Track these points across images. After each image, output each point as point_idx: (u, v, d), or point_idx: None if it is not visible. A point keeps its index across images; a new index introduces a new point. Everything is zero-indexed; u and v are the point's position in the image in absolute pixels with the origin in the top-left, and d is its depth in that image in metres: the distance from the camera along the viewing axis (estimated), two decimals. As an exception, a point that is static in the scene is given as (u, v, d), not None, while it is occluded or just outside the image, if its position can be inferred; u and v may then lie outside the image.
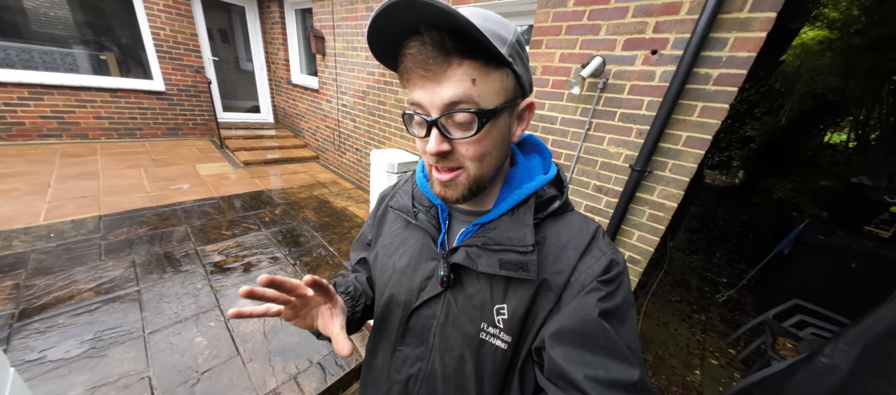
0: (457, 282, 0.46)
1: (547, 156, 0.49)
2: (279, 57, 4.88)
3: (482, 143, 0.38)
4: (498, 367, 0.44)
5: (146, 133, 4.36)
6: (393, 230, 0.56)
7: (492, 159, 0.41)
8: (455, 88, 0.34)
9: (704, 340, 2.63)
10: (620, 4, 1.52)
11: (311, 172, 4.17)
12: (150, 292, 1.74)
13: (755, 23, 1.26)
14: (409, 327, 0.50)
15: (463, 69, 0.34)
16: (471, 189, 0.41)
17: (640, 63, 1.53)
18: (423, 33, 0.33)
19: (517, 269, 0.40)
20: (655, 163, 1.58)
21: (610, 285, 0.39)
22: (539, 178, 0.45)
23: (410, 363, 0.50)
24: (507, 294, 0.43)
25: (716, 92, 1.37)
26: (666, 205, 1.62)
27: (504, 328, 0.43)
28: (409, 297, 0.49)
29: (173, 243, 2.19)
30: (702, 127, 1.43)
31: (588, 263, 0.41)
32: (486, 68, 0.35)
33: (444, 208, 0.50)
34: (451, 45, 0.33)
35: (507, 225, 0.42)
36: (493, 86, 0.36)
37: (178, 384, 1.29)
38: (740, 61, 1.30)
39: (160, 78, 4.26)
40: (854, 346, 1.28)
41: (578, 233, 0.43)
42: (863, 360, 1.24)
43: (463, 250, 0.44)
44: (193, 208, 2.74)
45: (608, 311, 0.38)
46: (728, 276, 3.69)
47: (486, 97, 0.36)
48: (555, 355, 0.37)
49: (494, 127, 0.38)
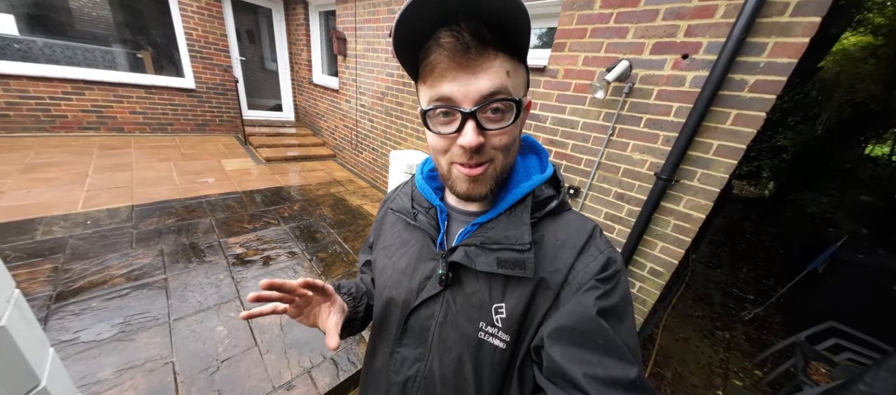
0: (455, 281, 0.46)
1: (544, 156, 0.49)
2: (302, 57, 5.02)
3: (512, 133, 0.39)
4: (497, 367, 0.44)
5: (176, 128, 4.57)
6: (393, 232, 0.56)
7: (515, 151, 0.42)
8: (493, 79, 0.35)
9: (728, 359, 2.50)
10: (650, 7, 1.48)
11: (328, 170, 4.26)
12: (176, 280, 1.81)
13: (797, 28, 1.19)
14: (408, 328, 0.50)
15: (499, 61, 0.35)
16: (497, 181, 0.42)
17: (669, 68, 1.48)
18: (462, 23, 0.33)
19: (515, 267, 0.41)
20: (683, 171, 1.52)
21: (607, 284, 0.39)
22: (536, 177, 0.45)
23: (409, 365, 0.50)
24: (505, 293, 0.43)
25: (751, 99, 1.30)
26: (693, 216, 1.55)
27: (502, 327, 0.43)
28: (408, 297, 0.50)
29: (199, 235, 2.28)
30: (734, 135, 1.36)
31: (585, 261, 0.41)
32: (516, 62, 0.37)
33: (443, 209, 0.51)
34: (488, 37, 0.33)
35: (505, 224, 0.43)
36: (520, 79, 0.38)
37: (200, 371, 1.33)
38: (779, 68, 1.24)
39: (191, 76, 4.46)
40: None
41: (576, 232, 0.43)
42: (911, 392, 1.14)
43: (462, 250, 0.44)
44: (218, 201, 2.85)
45: (606, 309, 0.38)
46: (755, 292, 3.50)
47: (516, 90, 0.37)
48: (553, 354, 0.37)
49: (519, 120, 0.39)
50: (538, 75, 1.97)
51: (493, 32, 0.33)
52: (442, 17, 0.33)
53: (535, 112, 2.04)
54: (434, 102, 0.37)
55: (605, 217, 1.87)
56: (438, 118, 0.38)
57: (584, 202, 1.93)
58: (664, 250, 1.68)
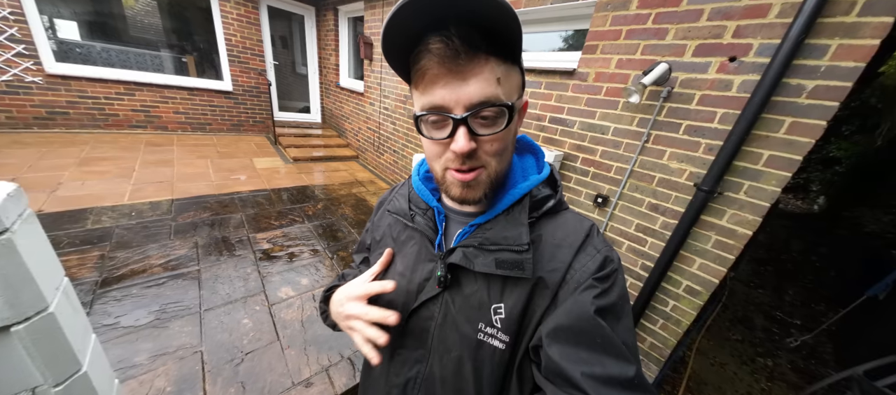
0: (454, 283, 0.46)
1: (540, 155, 0.49)
2: (331, 62, 5.19)
3: (505, 138, 0.39)
4: (496, 368, 0.44)
5: (214, 128, 4.85)
6: (391, 234, 0.56)
7: (509, 155, 0.42)
8: (484, 85, 0.35)
9: (771, 388, 2.29)
10: (694, 7, 1.39)
11: (350, 171, 4.36)
12: (208, 272, 1.90)
13: (865, 28, 1.07)
14: (408, 330, 0.50)
15: (490, 66, 0.35)
16: (491, 186, 0.42)
17: (714, 71, 1.38)
18: (451, 28, 0.32)
19: (513, 268, 0.41)
20: (727, 183, 1.40)
21: (605, 283, 0.39)
22: (533, 177, 0.45)
23: (409, 366, 0.50)
24: (504, 294, 0.43)
25: (809, 106, 1.18)
26: (737, 232, 1.42)
27: (502, 328, 0.43)
28: (407, 299, 0.49)
29: (230, 229, 2.39)
30: (789, 146, 1.24)
31: (583, 260, 0.41)
32: (507, 66, 0.36)
33: (441, 211, 0.50)
34: (479, 42, 0.33)
35: (503, 225, 0.43)
36: (512, 83, 0.38)
37: (225, 361, 1.38)
38: (844, 72, 1.12)
39: (229, 79, 4.73)
40: None
41: (573, 231, 0.43)
42: None
43: (460, 251, 0.44)
44: (249, 197, 2.98)
45: (604, 308, 0.38)
46: (802, 317, 3.19)
47: (508, 94, 0.37)
48: (552, 353, 0.37)
49: (513, 124, 0.39)
50: (566, 79, 1.91)
51: (484, 37, 0.33)
52: (431, 22, 0.33)
53: (562, 116, 1.97)
54: (426, 109, 0.37)
55: (635, 229, 1.77)
56: (431, 124, 0.39)
57: (614, 212, 1.83)
58: (703, 267, 1.56)
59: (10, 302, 0.57)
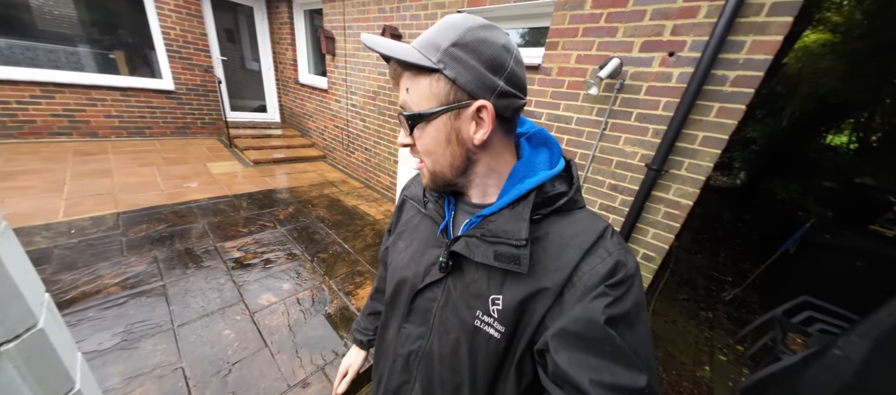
0: (457, 269, 0.48)
1: (556, 151, 0.48)
2: (287, 57, 4.91)
3: (422, 141, 0.44)
4: (491, 355, 0.45)
5: (155, 132, 4.38)
6: (408, 217, 0.61)
7: (440, 157, 0.44)
8: (400, 96, 0.44)
9: (712, 337, 2.67)
10: (638, 7, 1.57)
11: (319, 171, 4.20)
12: (175, 286, 1.77)
13: (772, 27, 1.30)
14: (414, 308, 0.53)
15: (403, 82, 0.43)
16: (434, 181, 0.47)
17: (657, 65, 1.57)
18: (389, 59, 0.43)
19: (510, 261, 0.41)
20: (672, 162, 1.62)
21: (618, 290, 0.38)
22: (542, 173, 0.44)
23: (412, 341, 0.54)
24: (503, 286, 0.44)
25: (733, 93, 1.41)
26: (681, 203, 1.66)
27: (498, 318, 0.44)
28: (415, 279, 0.53)
29: (193, 240, 2.22)
30: (718, 127, 1.47)
31: (592, 262, 0.40)
32: (415, 77, 0.41)
33: (451, 200, 0.52)
34: (396, 64, 0.42)
35: (506, 218, 0.43)
36: (421, 91, 0.41)
37: (211, 374, 1.32)
38: (757, 64, 1.35)
39: (170, 77, 4.29)
40: (866, 339, 1.32)
41: (584, 231, 0.43)
42: (874, 353, 1.28)
43: (463, 240, 0.46)
44: (209, 205, 2.77)
45: (615, 317, 0.37)
46: (733, 275, 3.74)
47: (417, 102, 0.42)
48: (559, 360, 0.37)
49: (430, 128, 0.42)
50: (532, 73, 2.04)
51: (396, 61, 0.42)
52: None
53: (530, 109, 2.11)
54: None
55: (600, 208, 1.96)
56: None
57: (580, 194, 2.01)
58: (656, 236, 1.79)
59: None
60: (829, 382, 1.37)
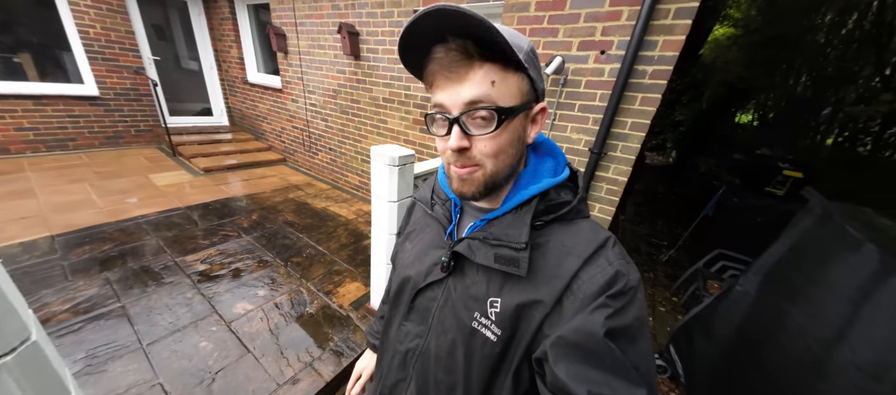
0: (458, 271, 0.49)
1: (561, 160, 0.49)
2: (231, 55, 4.60)
3: (499, 140, 0.40)
4: (486, 358, 0.45)
5: (80, 144, 3.89)
6: (416, 218, 0.64)
7: (507, 157, 0.42)
8: (476, 88, 0.38)
9: (654, 293, 3.11)
10: (574, 11, 1.78)
11: (281, 176, 4.05)
12: (137, 306, 1.68)
13: (677, 28, 1.58)
14: (414, 306, 0.54)
15: (483, 71, 0.37)
16: (486, 185, 0.43)
17: (592, 62, 1.81)
18: (449, 40, 0.37)
19: (509, 264, 0.42)
20: (609, 145, 1.88)
21: (618, 301, 0.38)
22: (545, 180, 0.45)
23: (411, 338, 0.55)
24: (502, 289, 0.44)
25: (651, 84, 1.68)
26: (619, 180, 1.93)
27: (495, 321, 0.44)
28: (417, 278, 0.54)
29: (148, 257, 2.09)
30: (642, 114, 1.74)
31: (591, 271, 0.40)
32: (505, 71, 0.38)
33: (458, 203, 0.54)
34: (473, 51, 0.37)
35: (509, 223, 0.44)
36: (509, 88, 0.39)
37: (194, 385, 1.32)
38: (668, 59, 1.62)
39: (93, 81, 3.81)
40: (758, 275, 1.69)
41: (585, 240, 0.43)
42: (765, 284, 1.65)
43: (466, 242, 0.47)
44: (159, 220, 2.58)
45: (615, 330, 0.37)
46: (668, 239, 4.32)
47: (504, 97, 0.39)
48: (558, 370, 0.37)
49: (510, 125, 0.40)
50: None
51: (477, 45, 0.36)
52: (433, 38, 0.38)
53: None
54: (432, 109, 0.42)
55: (554, 190, 2.20)
56: (436, 123, 0.43)
57: (537, 179, 2.24)
58: (601, 210, 2.06)
59: None
60: (735, 312, 1.73)
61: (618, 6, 1.66)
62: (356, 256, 2.44)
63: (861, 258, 1.15)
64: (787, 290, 1.47)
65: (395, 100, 2.92)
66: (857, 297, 1.11)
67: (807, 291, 1.35)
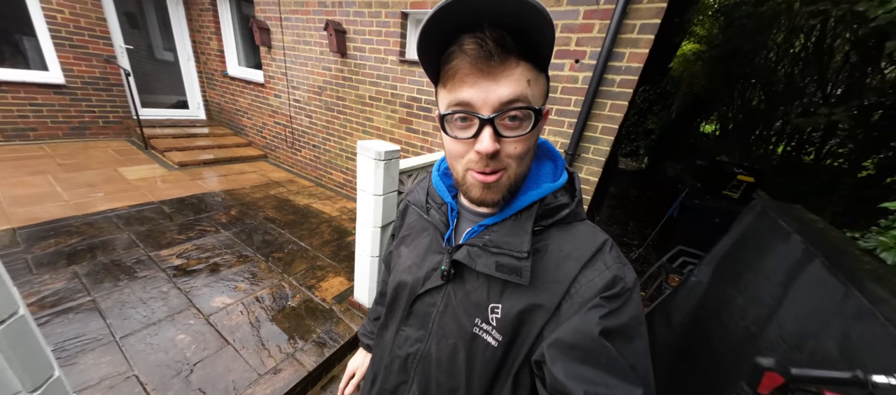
0: (458, 277, 0.48)
1: (560, 163, 0.48)
2: (211, 47, 4.47)
3: (528, 141, 0.39)
4: (487, 363, 0.45)
5: (42, 134, 3.66)
6: (410, 222, 0.61)
7: (530, 159, 0.42)
8: (514, 86, 0.35)
9: (624, 289, 3.31)
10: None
11: (261, 172, 3.97)
12: (108, 299, 1.63)
13: (642, 42, 1.73)
14: (413, 311, 0.54)
15: (521, 69, 0.35)
16: (510, 190, 0.42)
17: (567, 70, 1.94)
18: (486, 30, 0.33)
19: (511, 273, 0.41)
20: (582, 147, 2.02)
21: (614, 302, 0.38)
22: (545, 185, 0.44)
23: (410, 343, 0.54)
24: (503, 295, 0.44)
25: (619, 92, 1.83)
26: (591, 180, 2.07)
27: (496, 327, 0.44)
28: (415, 284, 0.53)
29: (118, 251, 2.02)
30: (611, 119, 1.89)
31: (589, 275, 0.40)
32: (537, 71, 0.37)
33: (454, 207, 0.52)
34: (511, 45, 0.33)
35: (509, 229, 0.43)
36: (540, 88, 0.38)
37: (171, 377, 1.31)
38: (633, 70, 1.78)
39: (58, 69, 3.61)
40: (710, 266, 1.87)
41: (583, 244, 0.43)
42: (715, 273, 1.82)
43: (465, 249, 0.46)
44: (131, 214, 2.49)
45: (611, 330, 0.37)
46: (638, 238, 4.59)
47: (536, 99, 0.37)
48: (555, 370, 0.37)
49: (537, 128, 0.39)
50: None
51: (517, 40, 0.33)
52: (466, 24, 0.33)
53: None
54: (453, 107, 0.37)
55: (532, 189, 2.32)
56: (456, 123, 0.39)
57: (516, 178, 2.35)
58: (574, 208, 2.20)
59: None
60: (690, 300, 1.90)
61: (590, 19, 1.80)
62: (339, 252, 2.46)
63: (789, 247, 1.32)
64: (731, 277, 1.65)
65: (382, 99, 2.96)
66: (785, 280, 1.27)
67: (747, 276, 1.52)
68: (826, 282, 1.13)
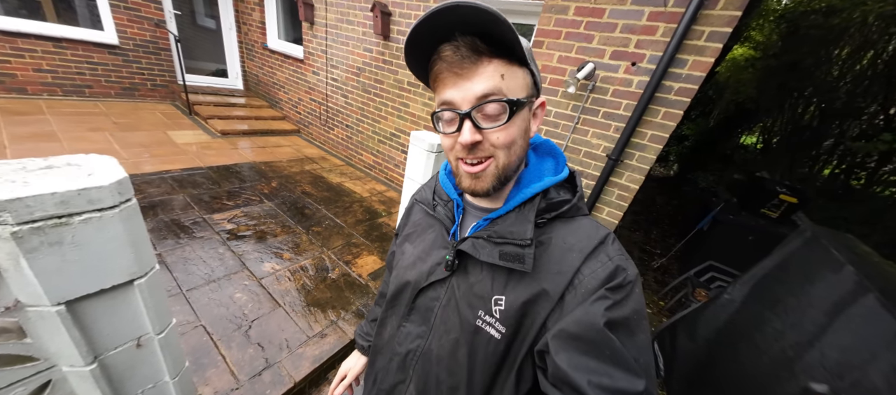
0: (462, 270, 0.49)
1: (561, 160, 0.50)
2: (253, 18, 4.56)
3: (510, 130, 0.41)
4: (490, 356, 0.46)
5: (97, 92, 3.89)
6: (416, 220, 0.62)
7: (517, 148, 0.44)
8: (486, 82, 0.39)
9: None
10: (611, 20, 1.86)
11: (296, 147, 4.11)
12: (172, 255, 1.78)
13: (708, 50, 1.67)
14: (415, 306, 0.54)
15: (493, 67, 0.39)
16: (499, 179, 0.44)
17: (621, 72, 1.90)
18: (458, 38, 0.38)
19: (514, 260, 0.42)
20: (626, 153, 2.00)
21: (617, 294, 0.39)
22: (547, 179, 0.47)
23: (411, 339, 0.54)
24: (506, 287, 0.45)
25: (675, 101, 1.79)
26: (630, 187, 2.06)
27: (500, 319, 0.45)
28: (418, 279, 0.53)
29: (177, 212, 2.18)
30: (662, 127, 1.85)
31: (592, 266, 0.41)
32: (512, 66, 0.40)
33: (460, 204, 0.54)
34: (482, 47, 0.38)
35: (513, 221, 0.45)
36: (517, 81, 0.40)
37: (233, 330, 1.44)
38: (694, 79, 1.72)
39: (113, 30, 3.79)
40: (746, 286, 1.85)
41: (586, 237, 0.44)
42: (751, 294, 1.81)
43: (470, 241, 0.47)
44: (183, 177, 2.66)
45: (615, 321, 0.38)
46: (661, 248, 4.51)
47: (513, 90, 0.40)
48: (559, 361, 0.38)
49: (520, 117, 0.42)
50: (518, 67, 2.27)
51: (485, 42, 0.37)
52: (442, 35, 0.39)
53: (514, 99, 2.35)
54: (439, 106, 0.42)
55: (567, 189, 2.32)
56: (443, 120, 0.43)
57: (552, 177, 2.35)
58: (609, 213, 2.19)
59: (137, 259, 0.68)
60: (719, 316, 1.90)
61: (655, 21, 1.74)
62: (371, 232, 2.56)
63: (841, 278, 1.30)
64: (770, 300, 1.64)
65: (420, 85, 2.98)
66: (832, 310, 1.26)
67: (788, 301, 1.51)
68: (879, 316, 1.12)
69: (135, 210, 0.65)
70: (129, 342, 0.73)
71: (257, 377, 1.29)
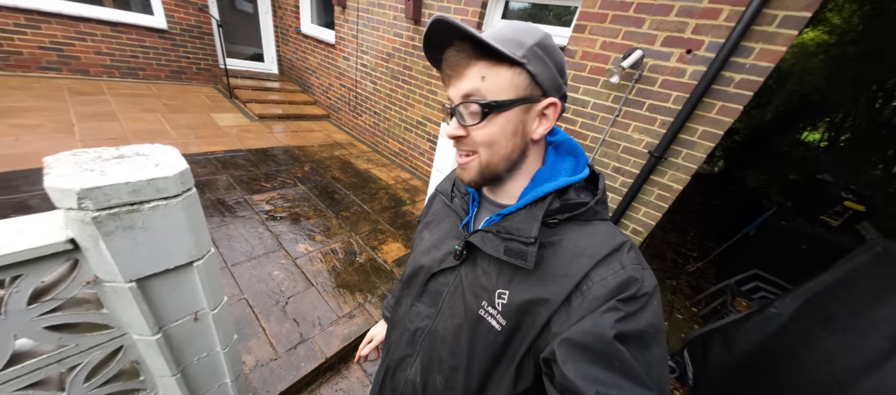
0: (471, 261, 0.52)
1: (581, 160, 0.50)
2: (288, 2, 4.63)
3: (487, 130, 0.43)
4: (489, 345, 0.48)
5: (148, 74, 4.17)
6: (436, 209, 0.67)
7: (501, 148, 0.45)
8: (469, 83, 0.42)
9: (673, 300, 3.14)
10: (666, 2, 1.69)
11: (326, 132, 4.21)
12: (218, 231, 1.92)
13: (779, 37, 1.48)
14: (427, 289, 0.59)
15: (476, 69, 0.42)
16: (482, 174, 0.47)
17: (674, 60, 1.73)
18: (455, 44, 0.43)
19: (517, 256, 0.44)
20: (672, 151, 1.85)
21: (630, 306, 0.38)
22: (561, 179, 0.46)
23: (421, 318, 0.59)
24: (511, 283, 0.46)
25: (735, 94, 1.62)
26: (673, 187, 1.92)
27: (501, 311, 0.46)
28: (432, 264, 0.57)
29: (221, 191, 2.33)
30: (717, 123, 1.69)
31: (603, 273, 0.41)
32: (496, 67, 0.41)
33: (475, 197, 0.57)
34: (468, 50, 0.41)
35: (521, 218, 0.46)
36: (501, 82, 0.41)
37: (271, 304, 1.54)
38: (760, 70, 1.54)
39: (162, 14, 4.00)
40: (796, 300, 1.69)
41: (599, 243, 0.43)
42: (801, 310, 1.66)
43: (480, 234, 0.49)
44: (226, 158, 2.82)
45: (626, 334, 0.37)
46: (698, 251, 4.24)
47: (494, 92, 0.42)
48: (567, 370, 0.37)
49: (501, 118, 0.43)
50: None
51: (474, 47, 0.41)
52: (444, 42, 0.44)
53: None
54: (445, 103, 0.55)
55: (602, 185, 2.21)
56: (447, 114, 0.48)
57: (586, 172, 2.25)
58: (646, 213, 2.07)
59: (196, 243, 0.72)
60: (762, 330, 1.76)
61: (718, 4, 1.56)
62: (396, 219, 2.60)
63: (922, 303, 1.15)
64: (823, 317, 1.49)
65: (451, 71, 2.91)
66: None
67: (846, 321, 1.37)
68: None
69: (195, 199, 0.68)
70: (187, 316, 0.79)
71: (293, 350, 1.38)
